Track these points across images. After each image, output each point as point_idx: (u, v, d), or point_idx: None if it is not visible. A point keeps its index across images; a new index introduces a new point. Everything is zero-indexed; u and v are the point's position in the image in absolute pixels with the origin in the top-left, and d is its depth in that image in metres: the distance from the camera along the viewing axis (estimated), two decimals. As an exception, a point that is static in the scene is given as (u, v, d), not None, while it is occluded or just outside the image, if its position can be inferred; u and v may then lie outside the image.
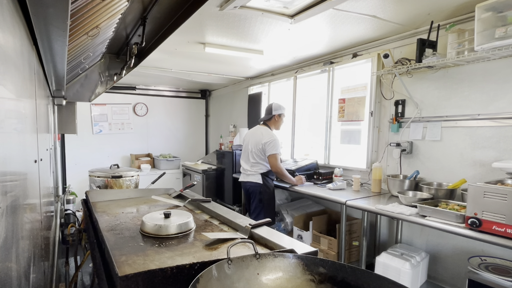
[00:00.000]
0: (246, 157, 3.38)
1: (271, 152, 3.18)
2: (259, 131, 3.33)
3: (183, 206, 1.87)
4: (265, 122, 3.40)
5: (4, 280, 0.59)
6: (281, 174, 3.23)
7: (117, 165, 3.25)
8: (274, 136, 3.24)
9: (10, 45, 0.73)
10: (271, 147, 3.18)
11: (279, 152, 3.23)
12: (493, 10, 1.96)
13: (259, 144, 3.24)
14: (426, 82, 2.69)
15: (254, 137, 3.33)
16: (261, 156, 3.24)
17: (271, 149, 3.18)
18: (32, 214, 1.14)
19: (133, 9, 1.68)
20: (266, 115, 3.41)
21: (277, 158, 3.20)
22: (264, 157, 3.23)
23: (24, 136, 0.99)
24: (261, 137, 3.24)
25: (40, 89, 1.63)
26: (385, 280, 0.86)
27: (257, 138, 3.27)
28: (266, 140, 3.20)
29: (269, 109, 3.38)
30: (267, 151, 3.19)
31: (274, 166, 3.20)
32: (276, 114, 3.34)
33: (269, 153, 3.19)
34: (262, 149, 3.22)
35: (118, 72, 2.73)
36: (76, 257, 2.34)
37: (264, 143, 3.20)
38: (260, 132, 3.31)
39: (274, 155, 3.18)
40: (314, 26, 2.64)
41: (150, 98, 6.07)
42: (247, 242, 1.10)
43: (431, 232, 2.66)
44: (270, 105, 3.40)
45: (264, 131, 3.30)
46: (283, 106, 3.42)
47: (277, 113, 3.34)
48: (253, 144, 3.30)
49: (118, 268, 0.95)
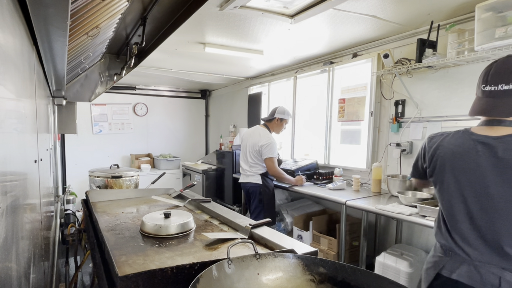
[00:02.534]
0: (245, 157, 3.37)
1: (268, 155, 3.16)
2: (257, 131, 3.32)
3: (183, 206, 1.87)
4: (265, 123, 3.39)
5: (4, 280, 0.59)
6: (280, 177, 3.22)
7: (117, 165, 3.25)
8: (271, 139, 3.22)
9: (10, 45, 0.73)
10: (267, 151, 3.16)
11: (275, 155, 3.21)
12: (493, 10, 1.96)
13: (256, 146, 3.23)
14: (426, 82, 2.69)
15: (252, 138, 3.32)
16: (258, 157, 3.24)
17: (268, 153, 3.16)
18: (32, 214, 1.14)
19: (133, 9, 1.68)
20: (269, 115, 3.41)
21: (274, 161, 3.18)
22: (261, 159, 3.23)
23: (24, 136, 0.99)
24: (259, 139, 3.23)
25: (40, 89, 1.63)
26: (385, 280, 0.87)
27: (255, 139, 3.27)
28: (263, 142, 3.18)
29: (273, 111, 3.36)
30: (263, 154, 3.18)
31: (271, 169, 3.19)
32: (277, 117, 3.31)
33: (266, 156, 3.17)
34: (259, 151, 3.21)
35: (118, 72, 2.73)
36: (76, 257, 2.34)
37: (261, 146, 3.18)
38: (258, 133, 3.30)
39: (270, 158, 3.16)
40: (314, 26, 2.64)
41: (150, 98, 6.07)
42: (247, 242, 1.10)
43: (431, 232, 2.66)
44: (276, 107, 3.36)
45: (262, 132, 3.28)
46: (289, 112, 3.38)
47: (278, 117, 3.31)
48: (250, 145, 3.30)
49: (118, 268, 0.95)
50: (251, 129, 3.48)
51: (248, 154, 3.32)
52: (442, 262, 1.26)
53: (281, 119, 3.32)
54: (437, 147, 1.32)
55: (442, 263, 1.26)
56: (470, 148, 1.21)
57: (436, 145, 1.32)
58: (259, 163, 3.25)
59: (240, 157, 3.48)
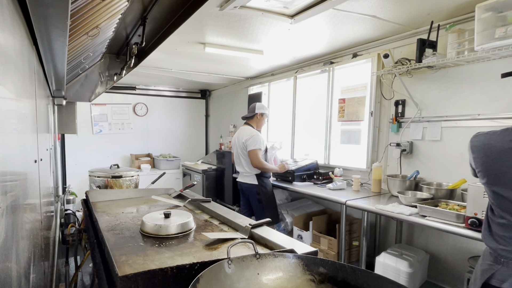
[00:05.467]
0: (238, 159, 3.40)
1: (250, 147, 3.18)
2: (242, 131, 3.36)
3: (183, 206, 1.87)
4: (248, 122, 3.43)
5: (4, 280, 0.59)
6: (263, 168, 3.22)
7: (117, 165, 3.25)
8: (254, 132, 3.26)
9: (10, 45, 0.73)
10: (250, 143, 3.18)
11: (259, 147, 3.19)
12: (493, 10, 1.96)
13: (241, 144, 3.26)
14: (426, 82, 2.69)
15: (238, 139, 3.35)
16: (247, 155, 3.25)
17: (250, 145, 3.18)
18: (32, 214, 1.14)
19: (133, 9, 1.68)
20: (249, 113, 3.44)
21: (257, 153, 3.17)
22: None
23: (24, 136, 0.99)
24: (243, 136, 3.28)
25: (40, 89, 1.63)
26: (385, 280, 0.87)
27: (240, 139, 3.31)
28: (247, 137, 3.22)
29: (253, 108, 3.42)
30: (247, 147, 3.20)
31: (254, 162, 3.18)
32: (258, 113, 3.38)
33: (249, 148, 3.18)
34: (244, 148, 3.24)
35: (118, 72, 2.73)
36: (76, 257, 2.34)
37: (245, 140, 3.22)
38: (243, 132, 3.34)
39: (253, 150, 3.17)
40: (314, 26, 2.64)
41: (150, 98, 6.07)
42: (247, 242, 1.10)
43: (431, 232, 2.66)
44: (254, 104, 3.45)
45: (247, 129, 3.32)
46: (266, 106, 3.49)
47: (259, 112, 3.38)
48: (238, 145, 3.33)
49: (118, 268, 0.95)
50: (237, 132, 3.51)
51: (239, 156, 3.34)
52: (491, 270, 1.15)
53: (262, 113, 3.40)
54: (485, 145, 1.20)
55: (491, 271, 1.15)
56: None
57: (483, 144, 1.21)
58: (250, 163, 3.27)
59: (234, 161, 3.50)
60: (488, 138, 1.19)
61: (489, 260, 1.18)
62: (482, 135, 1.22)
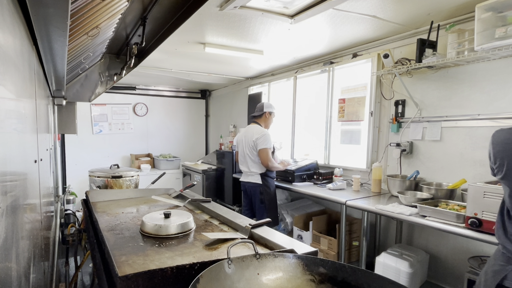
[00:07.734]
0: (243, 158, 3.39)
1: (261, 146, 3.19)
2: (250, 130, 3.36)
3: (183, 206, 1.87)
4: (256, 120, 3.43)
5: (4, 280, 0.59)
6: (272, 167, 3.26)
7: (117, 165, 3.24)
8: (265, 131, 3.27)
9: (10, 45, 0.73)
10: (261, 141, 3.19)
11: (269, 146, 3.23)
12: (493, 10, 1.96)
13: (250, 142, 3.26)
14: (426, 82, 2.69)
15: (246, 137, 3.35)
16: (256, 154, 3.26)
17: (261, 144, 3.19)
18: (32, 214, 1.14)
19: (133, 9, 1.68)
20: (257, 111, 3.44)
21: (268, 152, 3.20)
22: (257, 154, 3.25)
23: (24, 136, 0.99)
24: (252, 135, 3.27)
25: (40, 89, 1.63)
26: (385, 280, 0.86)
27: (248, 137, 3.30)
28: (257, 135, 3.22)
29: (261, 106, 3.42)
30: (258, 145, 3.20)
31: (265, 160, 3.20)
32: (267, 111, 3.39)
33: (260, 147, 3.20)
34: (254, 146, 3.24)
35: (118, 72, 2.73)
36: (76, 257, 2.34)
37: (256, 139, 3.22)
38: (251, 130, 3.34)
39: (264, 149, 3.19)
40: (314, 26, 2.64)
41: (150, 98, 6.07)
42: (247, 242, 1.10)
43: (431, 232, 2.66)
44: (262, 103, 3.47)
45: (255, 129, 3.32)
46: (274, 105, 3.50)
47: (268, 111, 3.39)
48: (246, 143, 3.32)
49: (118, 268, 0.95)
50: (244, 129, 3.51)
51: (245, 155, 3.33)
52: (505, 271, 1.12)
53: (270, 112, 3.41)
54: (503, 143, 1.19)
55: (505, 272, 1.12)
56: None
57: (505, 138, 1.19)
58: (257, 162, 3.26)
59: (239, 161, 3.50)
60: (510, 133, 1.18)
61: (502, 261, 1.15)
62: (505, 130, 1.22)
